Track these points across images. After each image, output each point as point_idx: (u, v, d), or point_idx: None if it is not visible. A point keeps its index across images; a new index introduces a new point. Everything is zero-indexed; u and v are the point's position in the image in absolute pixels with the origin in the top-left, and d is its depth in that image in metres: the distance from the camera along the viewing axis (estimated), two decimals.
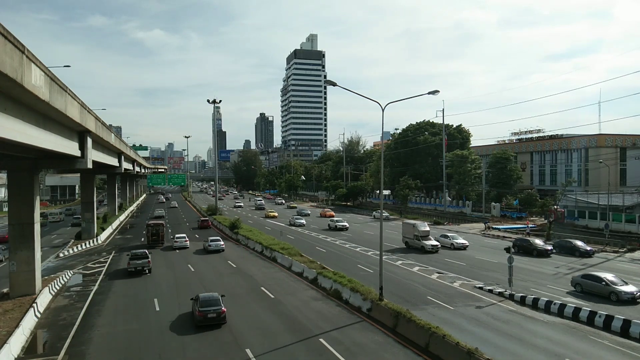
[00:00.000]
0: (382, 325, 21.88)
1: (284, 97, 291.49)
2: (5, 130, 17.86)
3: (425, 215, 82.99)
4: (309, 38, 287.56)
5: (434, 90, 25.49)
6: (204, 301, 22.61)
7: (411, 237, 45.92)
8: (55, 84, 21.25)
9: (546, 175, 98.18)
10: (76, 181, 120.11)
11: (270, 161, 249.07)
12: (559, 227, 57.98)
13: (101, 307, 26.39)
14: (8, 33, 15.13)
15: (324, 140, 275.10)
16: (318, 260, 35.85)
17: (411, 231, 46.06)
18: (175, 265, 38.30)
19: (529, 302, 26.17)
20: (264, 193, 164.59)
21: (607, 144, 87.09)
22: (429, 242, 44.45)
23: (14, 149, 23.51)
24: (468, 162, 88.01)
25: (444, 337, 18.03)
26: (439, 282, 31.54)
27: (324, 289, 28.93)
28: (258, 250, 44.78)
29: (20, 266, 27.98)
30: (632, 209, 58.90)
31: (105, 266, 38.63)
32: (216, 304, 22.51)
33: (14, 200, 28.53)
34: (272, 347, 19.45)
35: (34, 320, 23.19)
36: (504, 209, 75.84)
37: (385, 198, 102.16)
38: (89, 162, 33.15)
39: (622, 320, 21.34)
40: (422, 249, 43.78)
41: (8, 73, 15.07)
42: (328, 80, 25.67)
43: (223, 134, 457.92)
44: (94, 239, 52.23)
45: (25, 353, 19.33)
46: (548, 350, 19.02)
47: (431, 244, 44.16)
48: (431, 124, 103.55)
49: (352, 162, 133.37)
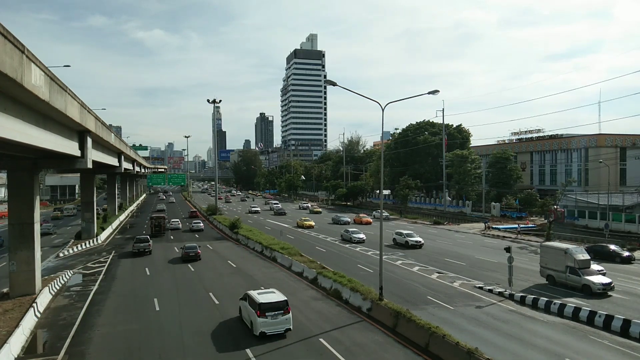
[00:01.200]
0: (382, 325, 21.88)
1: (284, 97, 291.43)
2: (5, 130, 17.86)
3: (425, 215, 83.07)
4: (309, 38, 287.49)
5: (433, 90, 25.48)
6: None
7: (560, 268, 30.15)
8: (55, 84, 21.25)
9: (546, 175, 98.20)
10: (76, 181, 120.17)
11: (270, 161, 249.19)
12: (559, 227, 57.98)
13: (101, 306, 26.38)
14: (8, 33, 15.13)
15: (324, 140, 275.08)
16: (318, 260, 35.85)
17: (560, 260, 30.24)
18: (176, 266, 38.30)
19: (529, 302, 26.17)
20: (263, 193, 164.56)
21: (607, 144, 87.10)
22: (594, 277, 28.46)
23: (14, 148, 23.50)
24: (468, 162, 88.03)
25: (443, 337, 18.03)
26: (439, 282, 31.55)
27: (324, 288, 28.94)
28: (258, 250, 44.78)
29: (20, 266, 27.98)
30: (632, 208, 58.90)
31: (105, 266, 38.64)
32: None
33: (14, 200, 28.52)
34: (272, 347, 19.45)
35: (33, 320, 23.18)
36: (503, 208, 75.85)
37: (385, 198, 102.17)
38: (89, 162, 33.13)
39: (622, 320, 21.35)
40: (587, 290, 28.04)
41: (8, 73, 15.06)
42: (328, 80, 25.69)
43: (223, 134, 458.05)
44: (94, 239, 52.23)
45: (25, 353, 19.33)
46: (548, 350, 19.03)
47: (601, 283, 27.97)
48: (431, 124, 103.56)
49: (352, 162, 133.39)
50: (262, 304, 20.66)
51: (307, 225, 64.62)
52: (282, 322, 20.70)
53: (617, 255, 39.23)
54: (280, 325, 20.68)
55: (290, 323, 21.09)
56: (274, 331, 20.56)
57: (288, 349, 19.32)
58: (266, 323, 20.44)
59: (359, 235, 50.20)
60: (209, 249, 46.52)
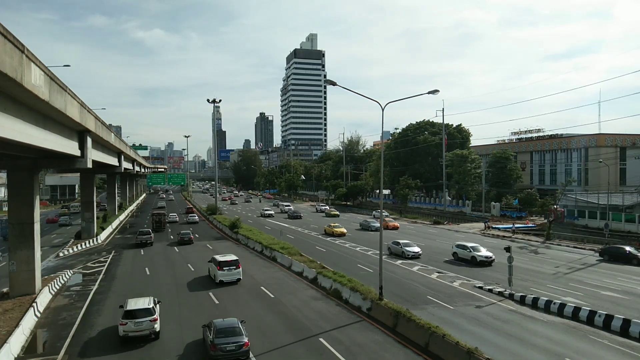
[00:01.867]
0: (382, 325, 21.89)
1: (284, 97, 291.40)
2: (5, 130, 17.86)
3: (425, 214, 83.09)
4: (308, 38, 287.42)
5: (433, 89, 25.49)
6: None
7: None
8: (55, 84, 21.24)
9: (546, 174, 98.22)
10: (76, 181, 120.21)
11: (270, 161, 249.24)
12: (559, 227, 58.00)
13: (101, 306, 26.40)
14: (8, 32, 15.12)
15: (324, 139, 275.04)
16: (318, 260, 35.85)
17: None
18: (175, 266, 38.32)
19: (529, 301, 26.18)
20: (263, 193, 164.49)
21: (606, 144, 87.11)
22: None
23: (13, 148, 23.50)
24: (468, 161, 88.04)
25: (443, 337, 18.04)
26: (438, 282, 31.55)
27: (324, 288, 28.94)
28: (258, 249, 44.78)
29: (20, 266, 27.98)
30: (631, 208, 58.93)
31: (105, 266, 38.65)
32: None
33: (13, 199, 28.53)
34: (272, 347, 19.46)
35: (33, 320, 23.20)
36: (503, 208, 75.85)
37: (385, 198, 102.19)
38: (89, 162, 33.14)
39: (621, 319, 21.36)
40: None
41: (8, 72, 15.05)
42: (328, 80, 25.69)
43: (223, 134, 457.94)
44: (94, 239, 52.23)
45: (25, 353, 19.34)
46: (548, 350, 19.03)
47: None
48: (431, 124, 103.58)
49: (352, 162, 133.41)
50: (221, 262, 30.83)
51: (337, 232, 54.65)
52: (235, 274, 30.79)
53: (634, 257, 37.91)
54: (233, 276, 30.66)
55: (240, 275, 31.06)
56: (229, 280, 30.47)
57: (288, 349, 19.33)
58: (224, 274, 30.36)
59: (413, 249, 41.19)
60: (209, 249, 46.51)
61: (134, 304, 21.12)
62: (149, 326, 20.27)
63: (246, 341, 18.08)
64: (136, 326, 20.06)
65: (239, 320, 19.39)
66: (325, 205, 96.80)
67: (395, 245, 42.51)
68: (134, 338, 20.13)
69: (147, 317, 20.34)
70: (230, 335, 18.12)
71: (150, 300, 21.94)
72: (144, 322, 20.17)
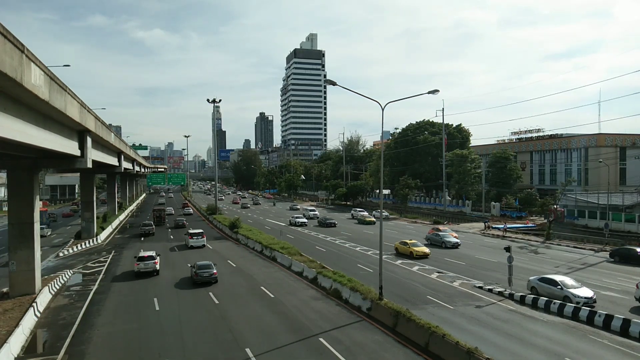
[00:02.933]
0: (382, 325, 21.89)
1: (284, 97, 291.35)
2: (5, 130, 17.85)
3: (425, 214, 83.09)
4: (308, 37, 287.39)
5: (433, 89, 25.49)
6: None
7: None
8: (55, 84, 21.24)
9: (546, 174, 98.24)
10: (76, 180, 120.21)
11: (270, 161, 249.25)
12: (559, 227, 58.01)
13: (101, 306, 26.40)
14: (8, 32, 15.12)
15: (324, 139, 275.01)
16: (318, 260, 35.85)
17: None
18: (175, 265, 38.31)
19: (529, 301, 26.18)
20: (263, 192, 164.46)
21: (606, 144, 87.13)
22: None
23: (13, 148, 23.50)
24: (468, 161, 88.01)
25: (443, 337, 18.04)
26: (438, 282, 31.55)
27: (324, 288, 28.94)
28: (258, 249, 44.79)
29: (20, 265, 27.98)
30: (631, 208, 58.92)
31: (105, 265, 38.65)
32: None
33: (13, 199, 28.52)
34: (272, 347, 19.46)
35: (33, 320, 23.19)
36: (503, 208, 75.87)
37: (385, 197, 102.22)
38: (89, 162, 33.14)
39: (621, 319, 21.35)
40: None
41: (8, 72, 15.05)
42: (328, 80, 25.68)
43: (223, 134, 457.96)
44: (94, 239, 52.23)
45: (25, 352, 19.33)
46: (548, 350, 19.03)
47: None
48: (431, 124, 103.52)
49: (351, 162, 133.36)
50: (191, 233, 47.52)
51: (418, 253, 40.25)
52: (201, 241, 46.84)
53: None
54: (199, 242, 46.69)
55: (205, 242, 47.37)
56: (196, 244, 46.39)
57: (288, 349, 19.33)
58: (193, 241, 46.45)
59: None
60: (209, 249, 46.53)
61: (143, 253, 35.06)
62: (152, 266, 33.69)
63: (214, 272, 31.06)
64: (144, 265, 33.49)
65: (213, 263, 32.07)
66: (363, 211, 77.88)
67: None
68: (143, 273, 33.58)
69: (151, 260, 33.72)
70: (206, 269, 31.04)
71: (154, 252, 35.32)
72: (149, 263, 33.66)
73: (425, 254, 40.48)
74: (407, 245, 41.77)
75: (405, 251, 41.51)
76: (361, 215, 73.63)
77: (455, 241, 42.85)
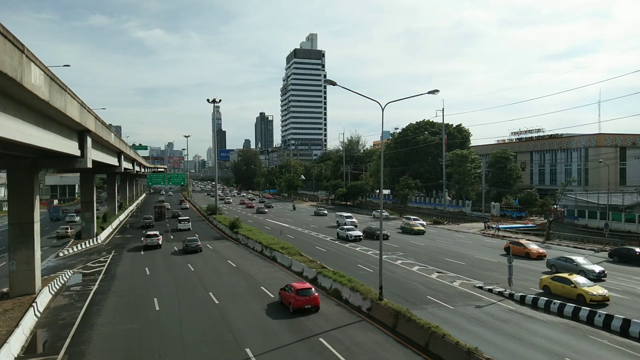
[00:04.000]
0: (382, 325, 21.88)
1: (284, 97, 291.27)
2: (5, 130, 17.85)
3: (425, 214, 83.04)
4: (308, 37, 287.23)
5: (433, 89, 25.49)
6: None
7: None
8: (54, 84, 21.24)
9: (546, 174, 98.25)
10: (76, 180, 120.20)
11: (270, 161, 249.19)
12: (559, 227, 58.00)
13: (101, 306, 26.40)
14: (7, 32, 15.11)
15: (324, 139, 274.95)
16: (318, 260, 35.85)
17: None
18: (175, 266, 38.34)
19: (529, 301, 26.16)
20: (263, 192, 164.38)
21: (606, 144, 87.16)
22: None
23: (13, 148, 23.50)
24: (468, 161, 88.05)
25: (443, 337, 18.03)
26: (438, 282, 31.54)
27: (324, 288, 28.92)
28: (258, 249, 44.77)
29: (20, 265, 28.00)
30: (631, 208, 58.92)
31: (105, 265, 38.65)
32: None
33: (13, 199, 28.53)
34: (272, 347, 19.45)
35: (33, 320, 23.19)
36: (503, 208, 75.88)
37: (385, 197, 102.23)
38: (89, 162, 33.14)
39: (621, 319, 21.34)
40: None
41: (8, 72, 15.05)
42: (328, 80, 25.67)
43: (223, 134, 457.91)
44: (94, 239, 52.23)
45: (25, 352, 19.33)
46: (548, 350, 19.02)
47: None
48: (431, 124, 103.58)
49: (351, 162, 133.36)
50: (179, 219, 65.54)
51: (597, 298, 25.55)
52: (188, 225, 62.31)
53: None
54: (186, 226, 62.10)
55: (190, 226, 62.75)
56: (183, 228, 61.64)
57: (288, 348, 19.33)
58: (180, 224, 62.73)
59: None
60: (209, 249, 46.54)
61: (149, 232, 50.01)
62: (156, 241, 47.05)
63: (199, 243, 44.60)
64: (150, 241, 46.84)
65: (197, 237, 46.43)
66: (411, 219, 65.42)
67: None
68: (150, 246, 46.67)
69: (155, 237, 47.37)
70: (192, 241, 44.59)
71: (157, 232, 49.78)
72: (154, 239, 47.01)
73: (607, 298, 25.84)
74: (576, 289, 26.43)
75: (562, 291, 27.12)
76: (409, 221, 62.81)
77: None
